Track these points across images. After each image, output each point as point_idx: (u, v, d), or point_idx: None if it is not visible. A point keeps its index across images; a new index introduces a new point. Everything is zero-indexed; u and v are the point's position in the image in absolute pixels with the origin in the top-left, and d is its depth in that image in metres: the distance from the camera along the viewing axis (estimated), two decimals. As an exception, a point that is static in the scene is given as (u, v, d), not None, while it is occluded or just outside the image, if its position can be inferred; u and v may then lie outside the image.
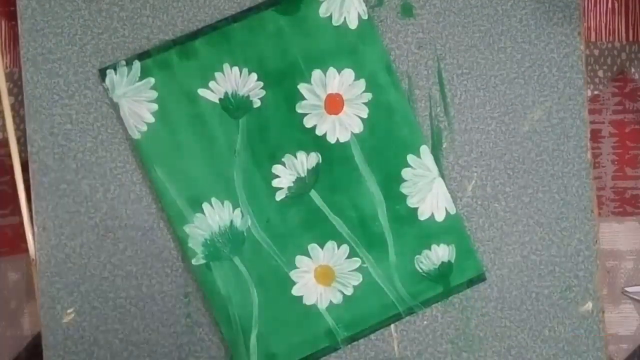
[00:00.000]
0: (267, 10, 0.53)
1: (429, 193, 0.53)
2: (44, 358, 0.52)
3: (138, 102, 0.52)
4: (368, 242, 0.53)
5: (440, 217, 0.53)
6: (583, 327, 0.54)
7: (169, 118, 0.53)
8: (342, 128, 0.53)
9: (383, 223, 0.53)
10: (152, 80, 0.53)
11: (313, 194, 0.53)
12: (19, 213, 0.54)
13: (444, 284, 0.54)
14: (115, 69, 0.53)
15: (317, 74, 0.53)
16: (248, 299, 0.53)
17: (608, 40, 0.57)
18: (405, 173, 0.53)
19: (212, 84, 0.53)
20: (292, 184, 0.53)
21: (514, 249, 0.55)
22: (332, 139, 0.53)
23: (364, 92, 0.53)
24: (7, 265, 0.55)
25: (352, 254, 0.53)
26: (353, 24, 0.53)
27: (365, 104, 0.53)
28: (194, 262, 0.52)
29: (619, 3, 0.57)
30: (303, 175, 0.53)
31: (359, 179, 0.53)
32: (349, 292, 0.53)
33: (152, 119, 0.53)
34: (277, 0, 0.53)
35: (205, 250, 0.52)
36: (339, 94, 0.53)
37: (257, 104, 0.53)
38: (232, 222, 0.53)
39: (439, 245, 0.53)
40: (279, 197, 0.53)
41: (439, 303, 0.54)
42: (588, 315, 0.55)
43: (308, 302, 0.53)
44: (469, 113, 0.55)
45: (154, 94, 0.53)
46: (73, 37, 0.53)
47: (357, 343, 0.54)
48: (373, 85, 0.53)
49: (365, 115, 0.53)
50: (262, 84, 0.53)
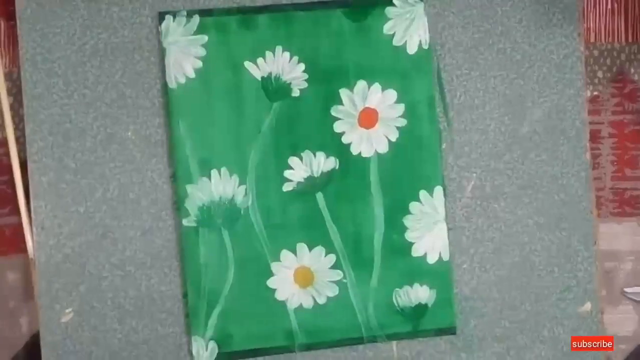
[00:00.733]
0: (335, 10, 0.54)
1: (429, 233, 0.53)
2: (43, 357, 0.52)
3: (185, 54, 0.53)
4: (355, 259, 0.53)
5: (433, 259, 0.53)
6: (582, 327, 0.54)
7: (209, 79, 0.53)
8: (368, 143, 0.53)
9: (376, 246, 0.53)
10: (205, 38, 0.53)
11: (319, 196, 0.53)
12: (18, 213, 0.53)
13: (414, 325, 0.53)
14: (174, 16, 0.53)
15: (361, 85, 0.53)
16: (223, 275, 0.53)
17: (607, 41, 0.57)
18: (413, 207, 0.53)
19: (259, 61, 0.53)
20: (302, 180, 0.53)
21: (514, 249, 0.55)
22: (355, 151, 0.53)
23: (400, 117, 0.54)
24: (5, 265, 0.55)
25: (336, 266, 0.53)
26: (412, 49, 0.54)
27: (398, 128, 0.54)
28: (185, 222, 0.52)
29: (619, 4, 0.58)
30: (316, 175, 0.53)
31: (367, 197, 0.53)
32: (322, 301, 0.53)
33: (193, 75, 0.53)
34: (347, 3, 0.54)
35: (199, 215, 0.53)
36: (376, 110, 0.54)
37: (295, 94, 0.53)
38: (233, 196, 0.53)
39: (422, 286, 0.53)
40: (286, 188, 0.53)
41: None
42: (587, 316, 0.55)
43: (279, 297, 0.53)
44: (469, 113, 0.55)
45: (203, 52, 0.53)
46: (72, 37, 0.53)
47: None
48: (411, 114, 0.54)
49: (394, 139, 0.54)
50: (306, 76, 0.53)
